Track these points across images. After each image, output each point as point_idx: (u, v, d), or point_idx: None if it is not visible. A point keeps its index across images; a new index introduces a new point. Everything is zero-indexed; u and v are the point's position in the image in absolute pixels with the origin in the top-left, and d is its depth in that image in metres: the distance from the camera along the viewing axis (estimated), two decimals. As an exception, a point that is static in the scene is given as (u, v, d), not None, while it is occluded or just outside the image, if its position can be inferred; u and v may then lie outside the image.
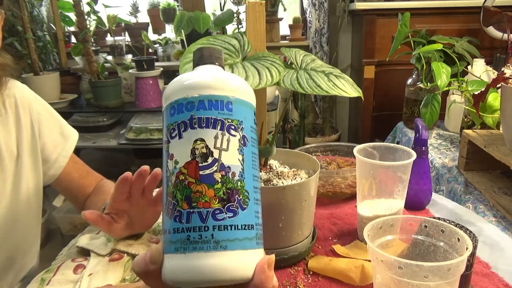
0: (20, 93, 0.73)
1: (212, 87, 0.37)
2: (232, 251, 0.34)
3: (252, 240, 0.36)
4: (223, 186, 0.35)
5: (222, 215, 0.35)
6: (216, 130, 0.36)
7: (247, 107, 0.39)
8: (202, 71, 0.40)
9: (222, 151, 0.36)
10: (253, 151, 0.39)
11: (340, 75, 0.64)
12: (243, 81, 0.40)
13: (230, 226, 0.35)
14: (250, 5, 0.67)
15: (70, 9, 2.10)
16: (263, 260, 0.35)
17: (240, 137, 0.37)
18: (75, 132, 0.83)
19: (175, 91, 0.38)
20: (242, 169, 0.36)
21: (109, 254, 0.66)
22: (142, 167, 0.62)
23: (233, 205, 0.35)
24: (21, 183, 0.72)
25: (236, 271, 0.34)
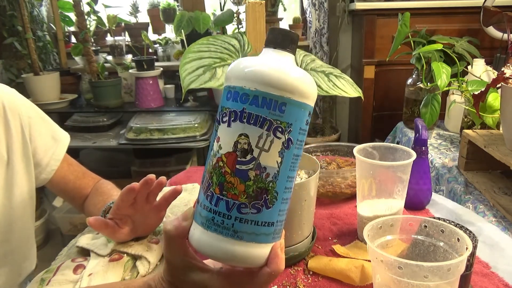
0: (9, 98, 0.73)
1: (270, 84, 0.36)
2: (247, 242, 0.38)
3: (268, 235, 0.39)
4: (254, 184, 0.37)
5: (246, 209, 0.37)
6: (262, 129, 0.36)
7: (302, 108, 0.38)
8: (268, 59, 0.38)
9: (262, 151, 0.37)
10: (296, 153, 0.38)
11: (340, 75, 0.64)
12: (306, 79, 0.38)
13: (251, 221, 0.38)
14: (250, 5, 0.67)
15: (70, 9, 2.10)
16: (276, 246, 0.39)
17: (285, 140, 0.37)
18: (67, 135, 0.83)
19: (236, 75, 0.38)
20: (277, 171, 0.37)
21: (109, 254, 0.66)
22: (148, 175, 0.62)
23: (259, 203, 0.37)
24: (13, 188, 0.72)
25: (246, 260, 0.38)
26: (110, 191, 0.81)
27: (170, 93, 2.17)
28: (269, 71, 0.37)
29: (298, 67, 0.39)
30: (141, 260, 0.65)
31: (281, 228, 0.40)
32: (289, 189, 0.39)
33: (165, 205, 0.68)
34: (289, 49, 0.39)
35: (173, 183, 1.00)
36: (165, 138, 1.87)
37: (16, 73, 2.13)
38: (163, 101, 2.05)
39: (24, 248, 0.77)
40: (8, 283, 0.74)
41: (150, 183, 0.63)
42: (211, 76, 0.65)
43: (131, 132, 1.89)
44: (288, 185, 0.39)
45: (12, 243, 0.74)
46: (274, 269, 0.39)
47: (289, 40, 0.39)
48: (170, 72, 2.25)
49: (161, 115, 2.02)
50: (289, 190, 0.39)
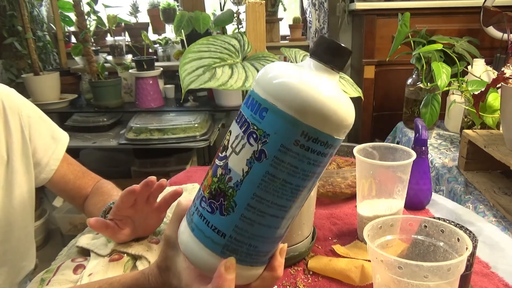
0: (8, 98, 0.73)
1: (260, 85, 0.33)
2: (195, 237, 0.36)
3: (217, 245, 0.35)
4: (217, 182, 0.35)
5: (204, 204, 0.36)
6: (240, 130, 0.34)
7: (288, 122, 0.31)
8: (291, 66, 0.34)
9: (233, 152, 0.34)
10: (273, 172, 0.32)
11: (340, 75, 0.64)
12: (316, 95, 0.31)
13: (203, 218, 0.36)
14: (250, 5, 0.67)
15: (70, 9, 2.10)
16: (222, 263, 0.35)
17: (257, 150, 0.32)
18: (66, 135, 0.83)
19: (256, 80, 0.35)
20: (240, 180, 0.33)
21: (109, 254, 0.66)
22: (149, 177, 0.62)
23: (215, 204, 0.35)
24: (13, 188, 0.72)
25: (191, 255, 0.36)
26: (110, 191, 0.81)
27: (170, 93, 2.17)
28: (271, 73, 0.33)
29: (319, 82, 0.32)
30: (141, 260, 0.65)
31: (238, 249, 0.35)
32: (256, 211, 0.33)
33: (165, 207, 0.68)
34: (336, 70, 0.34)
35: (173, 183, 1.00)
36: (165, 138, 1.87)
37: (16, 73, 2.13)
38: (163, 101, 2.05)
39: (23, 248, 0.77)
40: (7, 282, 0.74)
41: (150, 185, 0.63)
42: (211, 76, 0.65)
43: (131, 132, 1.89)
44: (255, 204, 0.33)
45: (11, 242, 0.74)
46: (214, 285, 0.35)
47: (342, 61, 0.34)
48: (170, 72, 2.25)
49: (161, 115, 2.02)
50: (258, 212, 0.34)
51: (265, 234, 0.35)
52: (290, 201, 0.34)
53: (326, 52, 0.33)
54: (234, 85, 0.63)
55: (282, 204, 0.34)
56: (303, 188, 0.34)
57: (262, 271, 0.39)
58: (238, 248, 0.35)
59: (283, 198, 0.34)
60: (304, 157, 0.32)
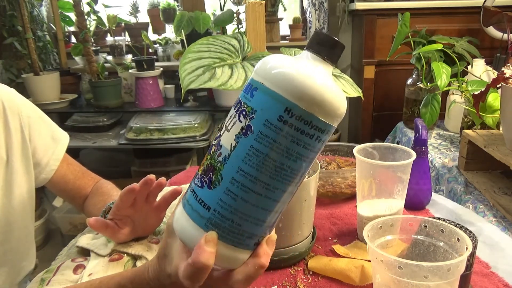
0: (8, 98, 0.72)
1: (256, 71, 0.36)
2: (185, 212, 0.38)
3: (202, 218, 0.36)
4: (210, 158, 0.37)
5: (196, 180, 0.38)
6: (234, 110, 0.37)
7: (275, 100, 0.34)
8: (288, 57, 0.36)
9: (226, 130, 0.37)
10: (256, 146, 0.34)
11: (340, 75, 0.64)
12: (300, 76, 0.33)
13: (194, 193, 0.38)
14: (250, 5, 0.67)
15: (70, 9, 2.10)
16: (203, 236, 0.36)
17: (244, 125, 0.35)
18: (66, 135, 0.83)
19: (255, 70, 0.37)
20: (228, 155, 0.35)
21: (109, 254, 0.66)
22: (148, 176, 0.62)
23: (205, 178, 0.37)
24: (13, 188, 0.72)
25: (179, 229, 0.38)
26: (110, 191, 0.81)
27: (170, 93, 2.17)
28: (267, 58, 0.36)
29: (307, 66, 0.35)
30: (141, 260, 0.65)
31: (221, 225, 0.36)
32: (241, 186, 0.35)
33: (165, 206, 0.68)
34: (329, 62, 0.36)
35: (173, 183, 1.00)
36: (165, 138, 1.87)
37: (16, 73, 2.13)
38: (163, 101, 2.05)
39: (23, 248, 0.77)
40: (7, 282, 0.74)
41: (150, 184, 0.63)
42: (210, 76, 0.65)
43: (131, 132, 1.89)
44: (239, 178, 0.35)
45: (11, 242, 0.74)
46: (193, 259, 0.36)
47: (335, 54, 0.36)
48: (170, 72, 2.25)
49: (161, 115, 2.02)
50: (241, 187, 0.35)
51: (249, 212, 0.36)
52: (274, 180, 0.35)
53: (321, 45, 0.36)
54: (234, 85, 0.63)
55: (265, 182, 0.35)
56: (288, 168, 0.35)
57: (246, 257, 0.38)
58: (221, 224, 0.36)
59: (267, 175, 0.34)
60: (288, 135, 0.34)
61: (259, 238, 0.38)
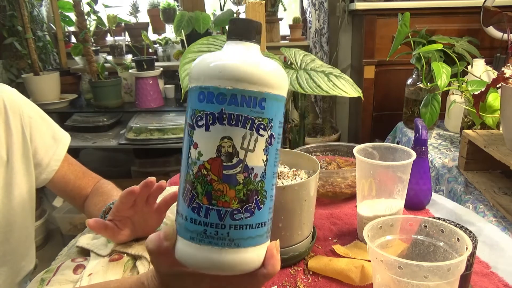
0: (10, 98, 0.72)
1: (248, 81, 0.34)
2: (245, 248, 0.36)
3: (263, 236, 0.37)
4: (244, 187, 0.35)
5: (239, 215, 0.35)
6: (245, 129, 0.34)
7: (279, 101, 0.36)
8: (238, 54, 0.36)
9: (248, 152, 0.35)
10: (277, 148, 0.37)
11: (340, 75, 0.64)
12: (279, 69, 0.36)
13: (245, 226, 0.36)
14: (250, 5, 0.67)
15: (70, 9, 2.10)
16: (271, 246, 0.38)
17: (268, 137, 0.35)
18: (67, 135, 0.83)
19: (206, 75, 0.35)
20: (264, 170, 0.36)
21: (109, 254, 0.66)
22: (148, 178, 0.62)
23: (251, 205, 0.36)
24: (13, 189, 0.72)
25: (246, 265, 0.36)
26: (111, 191, 0.81)
27: (170, 93, 2.17)
28: (244, 66, 0.34)
29: (266, 58, 0.37)
30: (141, 260, 0.65)
31: (271, 226, 0.39)
32: (274, 186, 0.38)
33: (165, 208, 0.68)
34: (254, 40, 0.37)
35: (173, 183, 1.00)
36: (165, 138, 1.87)
37: (16, 73, 2.13)
38: (163, 101, 2.05)
39: (23, 248, 0.77)
40: (7, 282, 0.74)
41: (150, 186, 0.63)
42: (211, 76, 0.65)
43: (131, 132, 1.89)
44: (274, 181, 0.38)
45: (11, 243, 0.74)
46: (270, 271, 0.38)
47: (254, 30, 0.37)
48: (170, 72, 2.25)
49: (161, 115, 2.02)
50: (274, 186, 0.38)
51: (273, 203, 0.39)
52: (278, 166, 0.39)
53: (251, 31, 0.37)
54: (234, 85, 0.63)
55: (277, 171, 0.39)
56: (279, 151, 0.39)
57: None
58: (270, 225, 0.38)
59: (277, 165, 0.38)
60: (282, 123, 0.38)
61: None
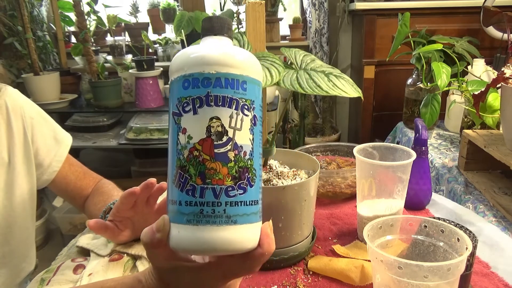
0: (11, 99, 0.73)
1: (229, 65, 0.37)
2: (241, 225, 0.37)
3: (256, 214, 0.38)
4: (235, 164, 0.37)
5: (234, 192, 0.37)
6: (231, 109, 0.37)
7: (257, 85, 0.39)
8: (215, 44, 0.39)
9: (236, 130, 0.37)
10: (260, 129, 0.39)
11: (340, 75, 0.64)
12: (253, 57, 0.40)
13: (240, 202, 0.37)
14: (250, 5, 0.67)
15: (70, 9, 2.10)
16: (265, 226, 0.39)
17: (252, 117, 0.38)
18: (69, 136, 0.83)
19: (190, 64, 0.37)
20: (252, 148, 0.38)
21: (109, 254, 0.66)
22: (149, 179, 0.62)
23: (244, 182, 0.37)
24: (14, 190, 0.72)
25: (245, 243, 0.37)
26: (111, 191, 0.81)
27: (170, 93, 2.17)
28: (224, 53, 0.37)
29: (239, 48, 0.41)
30: (141, 260, 0.65)
31: (262, 207, 0.40)
32: (261, 166, 0.40)
33: (165, 209, 0.68)
34: (226, 35, 0.40)
35: (173, 183, 1.00)
36: (165, 138, 1.86)
37: (16, 73, 2.13)
38: (163, 101, 2.05)
39: (23, 249, 0.77)
40: (7, 283, 0.74)
41: (151, 187, 0.63)
42: (211, 76, 0.64)
43: (131, 132, 1.89)
44: (260, 161, 0.40)
45: (12, 244, 0.73)
46: (267, 249, 0.38)
47: (226, 26, 0.40)
48: (170, 72, 2.24)
49: (161, 115, 2.02)
50: (261, 167, 0.40)
51: None
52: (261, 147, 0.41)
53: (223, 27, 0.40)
54: (234, 85, 0.63)
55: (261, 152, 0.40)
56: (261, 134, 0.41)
57: None
58: (261, 205, 0.39)
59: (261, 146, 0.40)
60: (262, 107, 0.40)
61: None
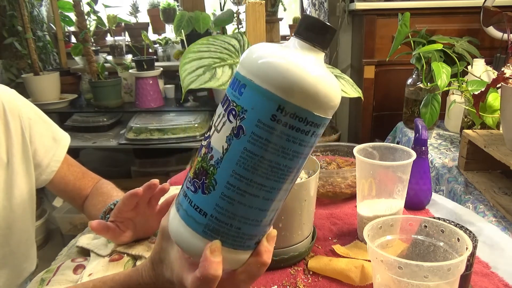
0: (9, 99, 0.72)
1: (242, 64, 0.34)
2: (181, 218, 0.36)
3: (199, 224, 0.35)
4: (201, 161, 0.35)
5: (189, 184, 0.36)
6: (222, 108, 0.34)
7: (265, 97, 0.31)
8: (275, 46, 0.33)
9: (215, 130, 0.34)
10: (250, 148, 0.32)
11: (340, 75, 0.64)
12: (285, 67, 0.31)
13: (187, 198, 0.36)
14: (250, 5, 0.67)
15: (70, 9, 2.10)
16: (207, 247, 0.35)
17: (235, 126, 0.32)
18: (67, 136, 0.83)
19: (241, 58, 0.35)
20: (220, 158, 0.33)
21: (109, 254, 0.66)
22: (152, 180, 0.63)
23: (197, 183, 0.35)
24: (13, 190, 0.72)
25: (179, 240, 0.37)
26: (110, 192, 0.81)
27: (170, 93, 2.17)
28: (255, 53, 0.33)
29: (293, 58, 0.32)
30: (141, 260, 0.65)
31: (220, 230, 0.34)
32: (237, 190, 0.33)
33: (166, 210, 0.68)
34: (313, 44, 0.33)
35: (173, 183, 1.00)
36: (165, 138, 1.87)
37: (16, 73, 2.13)
38: (163, 101, 2.05)
39: (24, 249, 0.77)
40: (8, 284, 0.74)
41: (153, 188, 0.63)
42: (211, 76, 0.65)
43: (131, 132, 1.89)
44: (235, 183, 0.33)
45: (12, 244, 0.73)
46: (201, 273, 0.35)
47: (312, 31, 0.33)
48: (170, 72, 2.25)
49: (161, 115, 2.02)
50: (237, 190, 0.33)
51: (247, 215, 0.34)
52: (271, 180, 0.33)
53: (310, 30, 0.33)
54: (234, 85, 0.63)
55: (262, 183, 0.33)
56: (284, 168, 0.33)
57: (247, 257, 0.37)
58: (220, 229, 0.34)
59: (263, 176, 0.33)
60: (282, 134, 0.31)
61: (259, 237, 0.38)
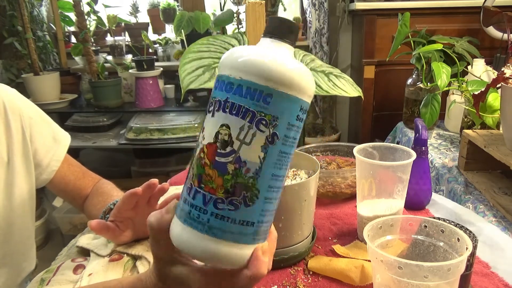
0: (9, 99, 0.72)
1: (255, 74, 0.34)
2: (222, 240, 0.35)
3: (247, 236, 0.36)
4: (232, 178, 0.35)
5: (223, 205, 0.35)
6: (244, 121, 0.34)
7: (291, 101, 0.35)
8: (261, 49, 0.36)
9: (243, 144, 0.34)
10: (283, 150, 0.36)
11: (340, 75, 0.64)
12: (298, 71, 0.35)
13: (227, 218, 0.35)
14: (250, 5, 0.67)
15: (70, 9, 2.10)
16: (257, 248, 0.37)
17: (269, 134, 0.34)
18: (67, 136, 0.83)
19: (225, 63, 0.36)
20: (259, 167, 0.35)
21: (109, 254, 0.66)
22: (151, 180, 0.63)
23: (237, 199, 0.35)
24: (13, 189, 0.72)
25: (220, 259, 0.36)
26: (110, 192, 0.81)
27: (170, 93, 2.17)
28: (255, 59, 0.34)
29: (293, 59, 0.36)
30: (141, 260, 0.65)
31: (265, 230, 0.37)
32: (275, 189, 0.36)
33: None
34: (287, 40, 0.37)
35: (173, 183, 1.00)
36: (165, 138, 1.87)
37: (16, 73, 2.13)
38: (163, 101, 2.05)
39: (23, 249, 0.77)
40: (8, 283, 0.74)
41: (153, 187, 0.63)
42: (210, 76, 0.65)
43: (131, 132, 1.89)
44: (274, 183, 0.36)
45: (11, 244, 0.73)
46: (254, 273, 0.36)
47: (287, 29, 0.37)
48: (170, 72, 2.25)
49: (161, 115, 2.02)
50: (276, 189, 0.37)
51: (275, 206, 0.38)
52: (284, 169, 0.37)
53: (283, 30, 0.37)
54: (234, 85, 0.63)
55: (284, 174, 0.37)
56: (290, 155, 0.38)
57: None
58: (261, 229, 0.37)
59: (285, 168, 0.37)
60: (299, 128, 0.37)
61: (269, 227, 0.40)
